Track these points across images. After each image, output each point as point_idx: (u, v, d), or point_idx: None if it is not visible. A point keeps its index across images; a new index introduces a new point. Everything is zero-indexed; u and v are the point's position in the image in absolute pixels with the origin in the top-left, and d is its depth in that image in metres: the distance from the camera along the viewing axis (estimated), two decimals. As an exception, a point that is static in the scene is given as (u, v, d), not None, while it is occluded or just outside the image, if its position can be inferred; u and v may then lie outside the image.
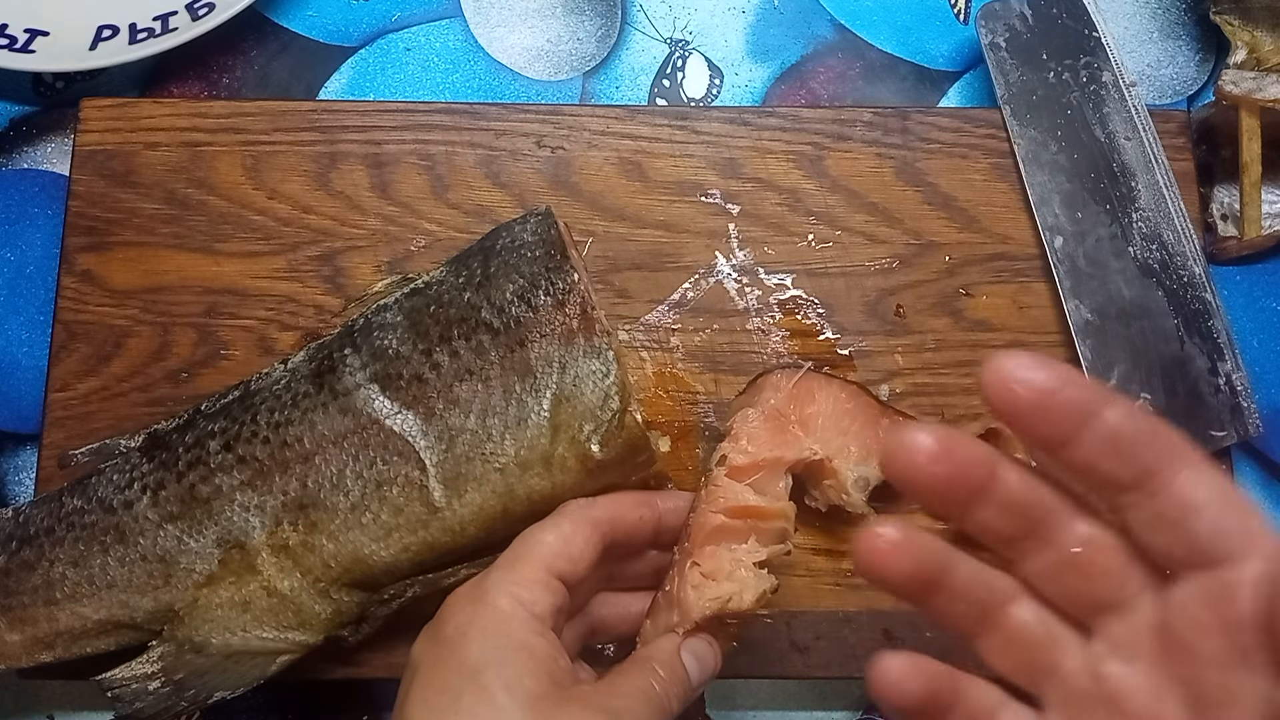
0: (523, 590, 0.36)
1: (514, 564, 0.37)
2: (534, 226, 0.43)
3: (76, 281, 0.50)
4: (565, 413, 0.40)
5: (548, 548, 0.37)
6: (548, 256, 0.42)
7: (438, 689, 0.34)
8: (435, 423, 0.41)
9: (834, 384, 0.45)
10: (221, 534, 0.41)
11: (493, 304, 0.42)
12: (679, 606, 0.39)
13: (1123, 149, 0.52)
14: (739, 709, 0.49)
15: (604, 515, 0.39)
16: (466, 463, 0.40)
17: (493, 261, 0.43)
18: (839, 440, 0.44)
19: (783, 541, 0.41)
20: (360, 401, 0.41)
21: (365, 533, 0.41)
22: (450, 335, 0.41)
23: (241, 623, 0.41)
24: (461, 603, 0.37)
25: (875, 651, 0.29)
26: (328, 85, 0.57)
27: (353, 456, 0.41)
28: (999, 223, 0.52)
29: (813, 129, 0.53)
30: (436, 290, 0.43)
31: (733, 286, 0.51)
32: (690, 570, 0.39)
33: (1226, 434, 0.48)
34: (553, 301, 0.41)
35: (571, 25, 0.58)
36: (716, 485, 0.41)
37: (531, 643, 0.35)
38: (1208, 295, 0.50)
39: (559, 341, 0.41)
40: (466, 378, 0.41)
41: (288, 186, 0.51)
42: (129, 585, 0.41)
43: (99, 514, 0.42)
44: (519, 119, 0.52)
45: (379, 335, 0.42)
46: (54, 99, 0.57)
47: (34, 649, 0.42)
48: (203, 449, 0.42)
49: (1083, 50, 0.53)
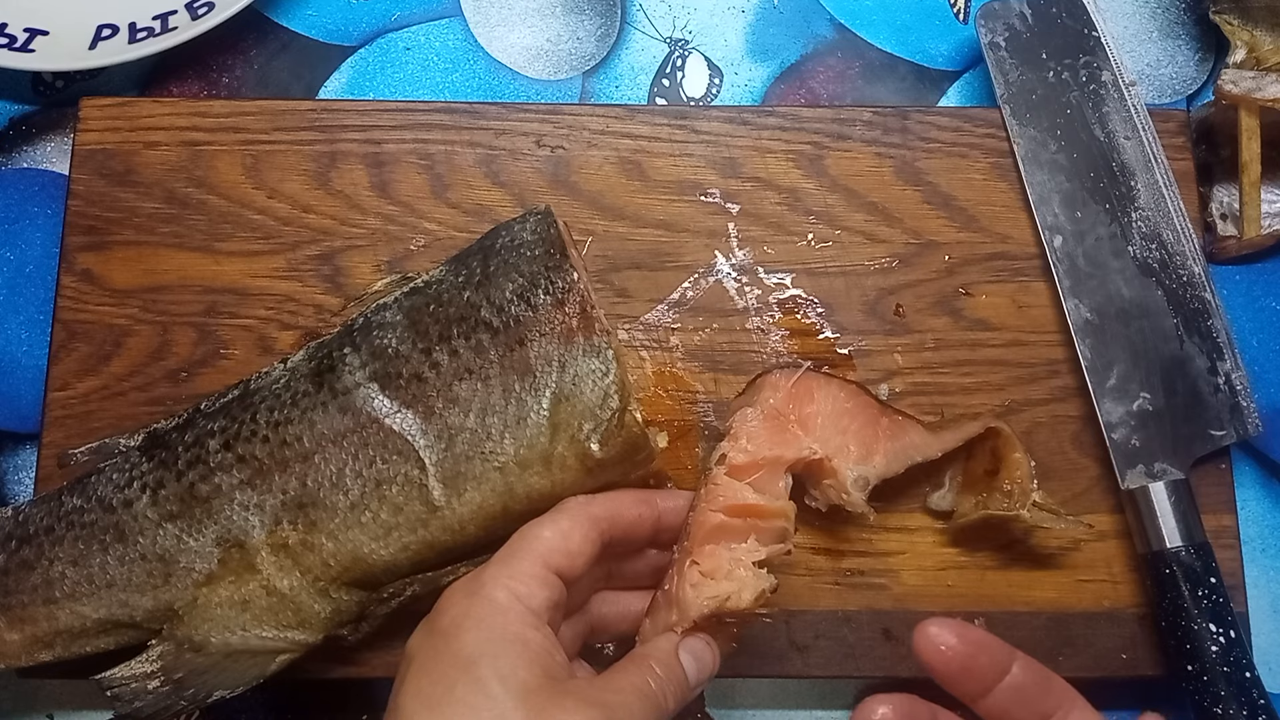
0: (519, 584, 0.36)
1: (511, 558, 0.37)
2: (533, 225, 0.43)
3: (76, 281, 0.50)
4: (565, 411, 0.40)
5: (545, 543, 0.37)
6: (547, 255, 0.42)
7: (432, 680, 0.34)
8: (435, 421, 0.41)
9: (833, 383, 0.45)
10: (221, 533, 0.41)
11: (492, 303, 0.42)
12: (677, 605, 0.39)
13: (1122, 148, 0.52)
14: (739, 708, 0.49)
15: (603, 512, 0.39)
16: (466, 461, 0.40)
17: (492, 260, 0.43)
18: (838, 439, 0.44)
19: (782, 541, 0.41)
20: (360, 400, 0.41)
21: (365, 531, 0.41)
22: (450, 334, 0.41)
23: (241, 622, 0.41)
24: (457, 595, 0.37)
25: (874, 651, 0.29)
26: (327, 85, 0.57)
27: (352, 455, 0.41)
28: (998, 222, 0.52)
29: (812, 128, 0.53)
30: (436, 289, 0.43)
31: (732, 286, 0.51)
32: (689, 569, 0.39)
33: (1226, 433, 0.48)
34: (552, 300, 0.41)
35: (571, 25, 0.58)
36: (716, 484, 0.41)
37: (526, 636, 0.35)
38: (1207, 295, 0.50)
39: (558, 340, 0.41)
40: (466, 376, 0.41)
41: (287, 186, 0.51)
42: (128, 584, 0.41)
43: (98, 513, 0.42)
44: (519, 118, 0.52)
45: (378, 334, 0.42)
46: (53, 98, 0.57)
47: (33, 648, 0.42)
48: (202, 448, 0.42)
49: (1082, 50, 0.53)
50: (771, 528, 0.41)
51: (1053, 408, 0.50)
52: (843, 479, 0.44)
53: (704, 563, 0.39)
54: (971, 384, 0.50)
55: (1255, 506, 0.52)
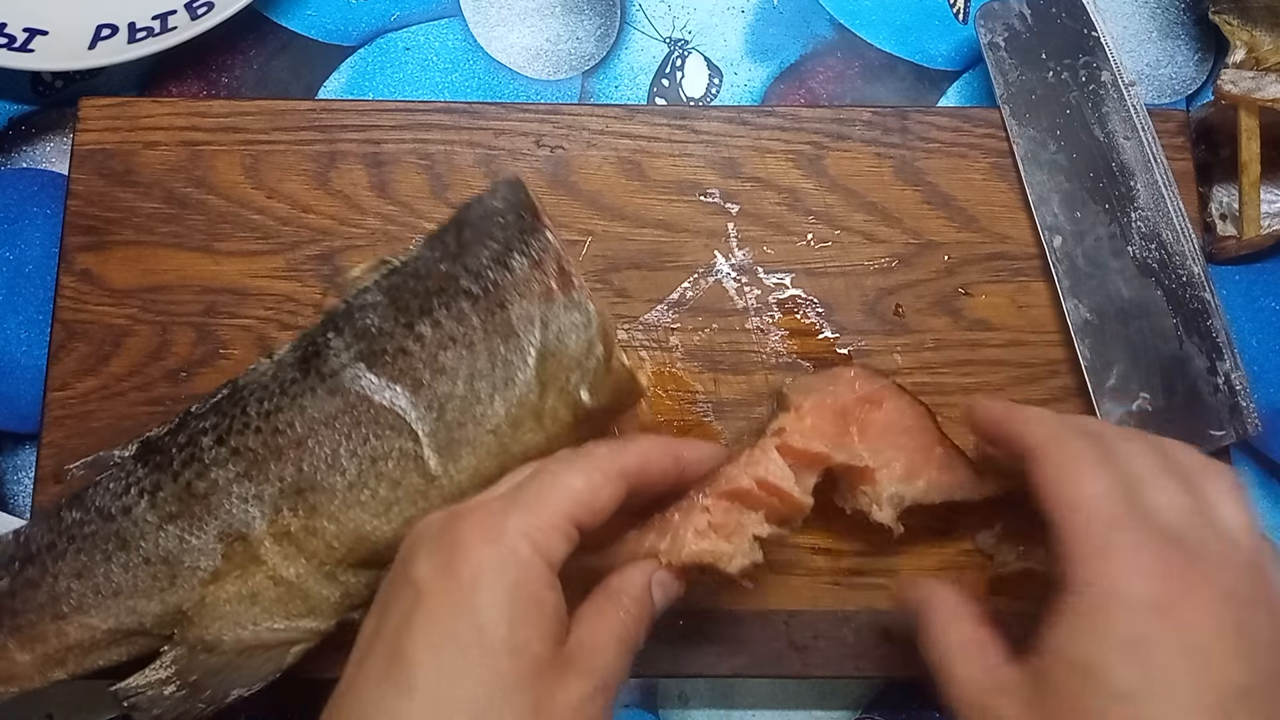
0: (542, 537, 0.35)
1: (538, 506, 0.36)
2: (503, 193, 0.43)
3: (75, 281, 0.50)
4: (552, 367, 0.41)
5: (575, 496, 0.36)
6: (519, 220, 0.42)
7: (444, 632, 0.34)
8: (424, 393, 0.41)
9: (904, 399, 0.45)
10: (222, 528, 0.41)
11: (470, 271, 0.42)
12: (673, 538, 0.39)
13: (1122, 148, 0.52)
14: (738, 708, 0.49)
15: (634, 466, 0.38)
16: (459, 428, 0.41)
17: (466, 231, 0.43)
18: (889, 454, 0.44)
19: (785, 527, 0.42)
20: (348, 381, 0.41)
21: (365, 510, 0.41)
22: (430, 306, 0.42)
23: (251, 615, 0.41)
24: (477, 537, 0.35)
25: (874, 651, 0.29)
26: (327, 85, 0.57)
27: (345, 436, 0.41)
28: (998, 222, 0.52)
29: (812, 128, 0.53)
30: (414, 266, 0.43)
31: (732, 286, 0.51)
32: (700, 515, 0.40)
33: (1225, 433, 0.48)
34: (529, 262, 0.41)
35: (571, 24, 0.58)
36: (763, 452, 0.41)
37: (543, 597, 0.35)
38: (1206, 295, 0.50)
39: (538, 300, 0.41)
40: (450, 345, 0.41)
41: (287, 186, 0.51)
42: (135, 590, 0.41)
43: (98, 523, 0.42)
44: (518, 118, 0.52)
45: (360, 315, 0.42)
46: (53, 98, 0.57)
47: (46, 667, 0.41)
48: (195, 446, 0.42)
49: (1082, 50, 0.53)
50: (784, 513, 0.41)
51: (1053, 408, 0.49)
52: (879, 491, 0.43)
53: (715, 516, 0.40)
54: (971, 384, 0.50)
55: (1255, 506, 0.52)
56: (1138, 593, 0.32)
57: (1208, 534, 0.34)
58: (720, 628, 0.47)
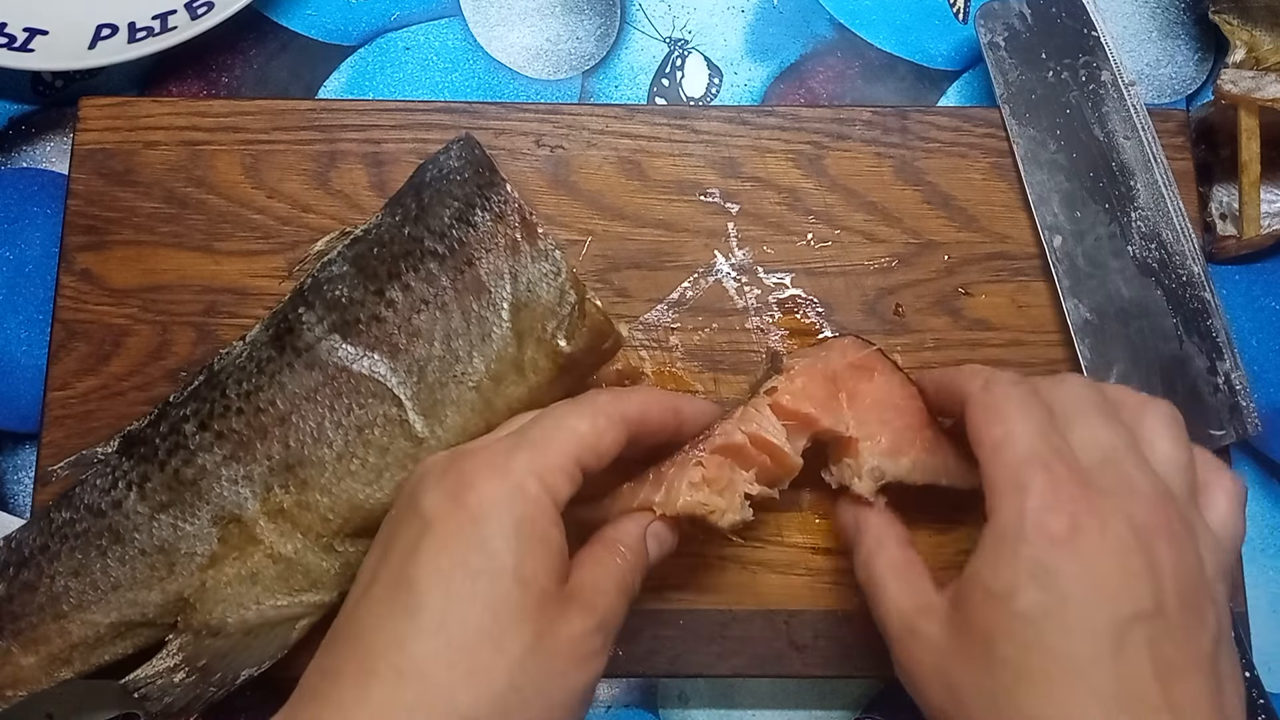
0: (549, 476, 0.36)
1: (545, 446, 0.37)
2: (458, 152, 0.43)
3: (75, 280, 0.50)
4: (526, 318, 0.41)
5: (581, 439, 0.37)
6: (478, 176, 0.42)
7: (453, 560, 0.34)
8: (402, 357, 0.41)
9: (896, 376, 0.45)
10: (215, 511, 0.41)
11: (433, 232, 0.42)
12: (668, 489, 0.40)
13: (1122, 148, 0.52)
14: (738, 708, 0.49)
15: (635, 414, 0.39)
16: (441, 389, 0.41)
17: (425, 193, 0.43)
18: (874, 427, 0.44)
19: (774, 487, 0.43)
20: (324, 353, 0.41)
21: (356, 479, 0.41)
22: (399, 271, 0.42)
23: (253, 595, 0.41)
24: (486, 473, 0.36)
25: (874, 651, 0.29)
26: (327, 84, 0.57)
27: (328, 408, 0.41)
28: (998, 222, 0.52)
29: (812, 128, 0.53)
30: (376, 233, 0.43)
31: (732, 285, 0.51)
32: (694, 468, 0.40)
33: (1225, 433, 0.48)
34: (491, 216, 0.42)
35: (570, 24, 0.58)
36: (758, 410, 0.42)
37: (549, 534, 0.35)
38: (1206, 294, 0.50)
39: (505, 253, 0.41)
40: (423, 308, 0.41)
41: (287, 185, 0.51)
42: (134, 582, 0.41)
43: (89, 520, 0.42)
44: (518, 118, 0.52)
45: (329, 288, 0.42)
46: (53, 98, 0.57)
47: (52, 667, 0.41)
48: (179, 434, 0.42)
49: (1082, 49, 0.53)
50: (774, 472, 0.42)
51: (1052, 407, 0.50)
52: (860, 463, 0.43)
53: (709, 470, 0.41)
54: (971, 384, 0.50)
55: (1254, 506, 0.52)
56: (1045, 524, 0.34)
57: (1129, 468, 0.35)
58: (720, 628, 0.47)
